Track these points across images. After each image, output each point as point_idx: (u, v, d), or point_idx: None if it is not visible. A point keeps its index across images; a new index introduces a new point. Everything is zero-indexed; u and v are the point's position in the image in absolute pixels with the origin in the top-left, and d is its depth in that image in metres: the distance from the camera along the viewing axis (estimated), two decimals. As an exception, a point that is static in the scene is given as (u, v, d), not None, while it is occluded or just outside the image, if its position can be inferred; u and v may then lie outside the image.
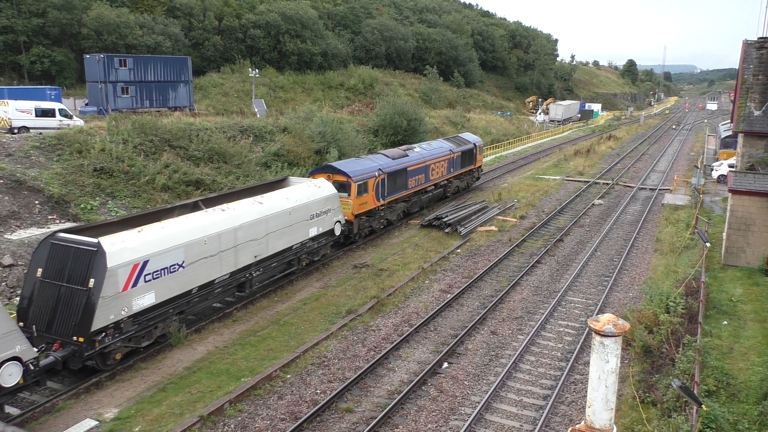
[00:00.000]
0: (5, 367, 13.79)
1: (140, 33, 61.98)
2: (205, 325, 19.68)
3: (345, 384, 16.01)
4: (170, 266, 17.45)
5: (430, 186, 36.08)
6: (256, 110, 55.80)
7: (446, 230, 31.28)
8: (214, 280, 19.35)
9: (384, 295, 22.32)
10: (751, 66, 30.04)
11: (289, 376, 16.75)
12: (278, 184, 25.94)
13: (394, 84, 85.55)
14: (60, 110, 36.30)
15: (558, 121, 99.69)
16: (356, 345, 18.67)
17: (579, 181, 46.97)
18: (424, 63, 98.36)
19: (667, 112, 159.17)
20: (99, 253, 15.59)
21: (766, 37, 29.54)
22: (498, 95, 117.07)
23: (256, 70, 64.53)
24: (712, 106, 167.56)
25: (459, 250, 28.63)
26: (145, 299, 16.82)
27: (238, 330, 19.55)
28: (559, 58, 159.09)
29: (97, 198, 26.65)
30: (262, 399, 15.56)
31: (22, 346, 14.19)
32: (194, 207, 21.04)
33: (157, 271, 17.03)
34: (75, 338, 15.40)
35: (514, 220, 33.83)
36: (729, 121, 49.15)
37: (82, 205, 25.80)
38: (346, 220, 27.31)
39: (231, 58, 72.54)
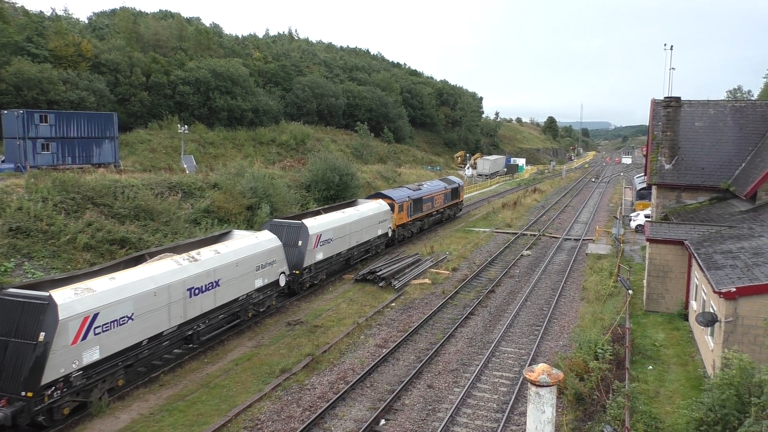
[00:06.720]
0: (281, 275, 26.39)
1: (63, 89, 60.29)
2: (129, 391, 18.63)
3: (279, 448, 15.42)
4: (329, 239, 30.94)
5: (434, 212, 48.60)
6: (185, 166, 54.82)
7: (380, 284, 31.28)
8: (341, 252, 32.77)
9: (319, 352, 21.89)
10: (660, 123, 32.27)
11: (220, 442, 15.97)
12: (354, 202, 39.54)
13: (325, 140, 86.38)
14: (-27, 167, 34.53)
15: (485, 175, 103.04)
16: (291, 405, 18.10)
17: (507, 232, 48.32)
18: (355, 119, 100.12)
19: (586, 166, 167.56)
20: (303, 227, 29.03)
21: (671, 97, 31.93)
22: (427, 150, 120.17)
23: (185, 126, 63.74)
24: (626, 160, 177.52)
25: (394, 304, 28.61)
26: (318, 256, 30.03)
27: (165, 395, 18.59)
28: (484, 115, 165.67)
29: (12, 259, 25.13)
30: (191, 468, 14.72)
31: (286, 267, 26.87)
32: (316, 213, 33.43)
33: (325, 240, 30.49)
34: (294, 271, 28.45)
35: (447, 272, 34.26)
36: (643, 174, 52.18)
37: (-6, 267, 24.23)
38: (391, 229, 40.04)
39: (159, 114, 71.47)
